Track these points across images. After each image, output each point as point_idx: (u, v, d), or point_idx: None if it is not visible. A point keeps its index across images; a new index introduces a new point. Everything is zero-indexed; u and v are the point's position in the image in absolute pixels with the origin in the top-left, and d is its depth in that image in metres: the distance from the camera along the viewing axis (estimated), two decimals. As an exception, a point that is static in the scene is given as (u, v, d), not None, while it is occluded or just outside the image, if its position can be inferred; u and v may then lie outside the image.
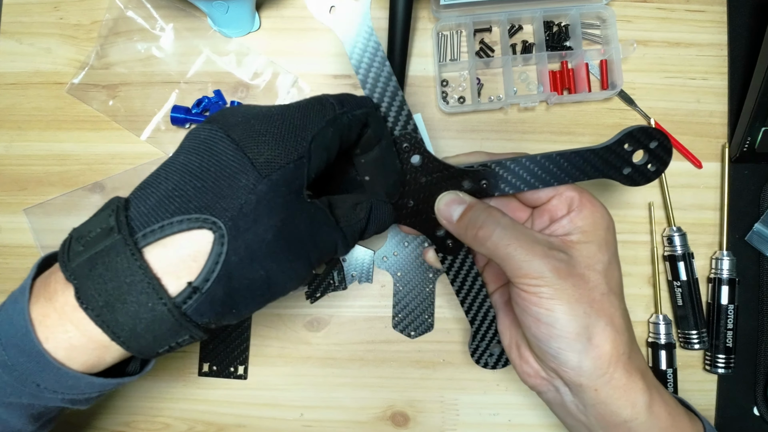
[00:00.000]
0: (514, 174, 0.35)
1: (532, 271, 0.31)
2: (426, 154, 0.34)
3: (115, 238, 0.25)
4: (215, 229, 0.26)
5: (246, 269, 0.27)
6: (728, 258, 0.48)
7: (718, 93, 0.50)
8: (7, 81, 0.52)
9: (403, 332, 0.49)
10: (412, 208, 0.36)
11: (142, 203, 0.27)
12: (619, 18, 0.50)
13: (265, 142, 0.27)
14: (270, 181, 0.27)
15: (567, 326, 0.31)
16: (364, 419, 0.49)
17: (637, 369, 0.32)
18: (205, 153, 0.27)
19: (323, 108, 0.30)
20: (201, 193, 0.26)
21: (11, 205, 0.51)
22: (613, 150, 0.34)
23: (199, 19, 0.51)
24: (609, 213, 0.34)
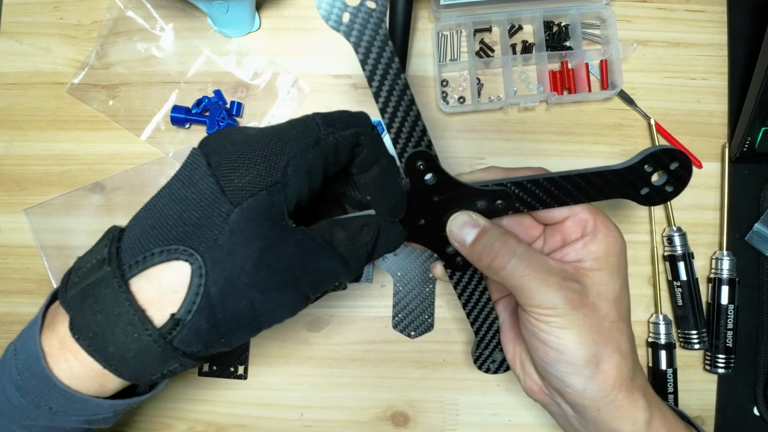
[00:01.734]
0: (530, 194, 0.34)
1: (546, 302, 0.31)
2: (440, 172, 0.33)
3: (106, 270, 0.26)
4: (192, 261, 0.26)
5: (227, 300, 0.27)
6: (728, 258, 0.48)
7: (718, 93, 0.50)
8: (7, 81, 0.52)
9: (403, 332, 0.49)
10: (423, 225, 0.34)
11: (132, 232, 0.28)
12: (619, 18, 0.50)
13: (236, 168, 0.27)
14: (242, 210, 0.26)
15: (576, 354, 0.31)
16: (364, 419, 0.49)
17: (639, 388, 0.33)
18: (186, 180, 0.27)
19: (305, 129, 0.29)
20: (180, 223, 0.26)
21: (11, 205, 0.51)
22: (633, 170, 0.33)
23: (199, 19, 0.51)
24: (622, 236, 0.34)
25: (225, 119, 0.49)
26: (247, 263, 0.26)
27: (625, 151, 0.50)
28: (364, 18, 0.28)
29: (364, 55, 0.29)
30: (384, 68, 0.30)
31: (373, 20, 0.28)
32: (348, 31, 0.29)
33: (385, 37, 0.29)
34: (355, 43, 0.29)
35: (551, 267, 0.32)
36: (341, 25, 0.28)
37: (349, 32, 0.29)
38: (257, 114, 0.51)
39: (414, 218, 0.34)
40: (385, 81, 0.30)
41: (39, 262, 0.50)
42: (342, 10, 0.28)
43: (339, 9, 0.28)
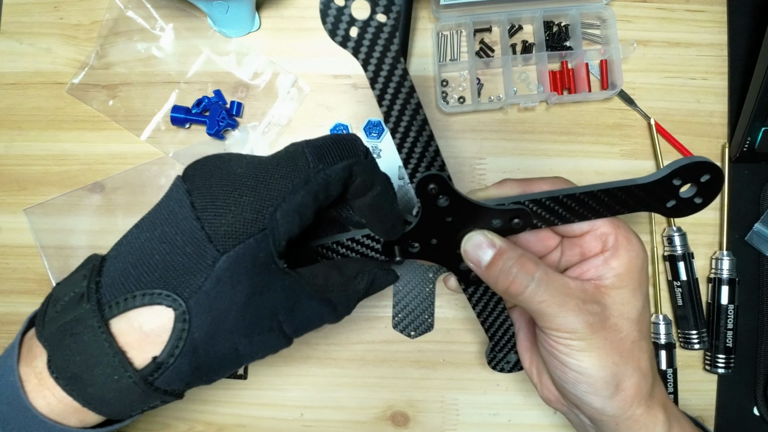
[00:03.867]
0: (549, 210, 0.32)
1: (565, 326, 0.30)
2: (454, 195, 0.31)
3: (85, 308, 0.25)
4: (176, 307, 0.25)
5: (211, 345, 0.26)
6: (728, 258, 0.48)
7: (718, 93, 0.50)
8: (7, 81, 0.51)
9: (403, 332, 0.49)
10: (435, 245, 0.33)
11: (113, 267, 0.26)
12: (619, 18, 0.50)
13: (223, 214, 0.26)
14: (229, 258, 0.25)
15: (595, 375, 0.31)
16: (364, 419, 0.49)
17: (659, 402, 0.33)
18: (169, 218, 0.26)
19: (294, 167, 0.27)
20: (162, 266, 0.25)
21: (11, 205, 0.51)
22: (662, 184, 0.31)
23: (199, 19, 0.51)
24: (644, 248, 0.33)
25: (225, 119, 0.49)
26: (232, 309, 0.26)
27: (625, 151, 0.50)
28: (373, 33, 0.26)
29: (373, 73, 0.27)
30: (395, 87, 0.27)
31: (384, 35, 0.26)
32: (356, 47, 0.26)
33: (396, 54, 0.26)
34: (363, 60, 0.27)
35: (571, 289, 0.31)
36: (349, 41, 0.26)
37: (358, 49, 0.26)
38: (257, 114, 0.51)
39: (426, 238, 0.33)
40: (396, 100, 0.28)
41: (39, 262, 0.50)
42: (349, 25, 0.25)
43: (346, 24, 0.25)
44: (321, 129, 0.50)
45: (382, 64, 0.27)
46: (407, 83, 0.27)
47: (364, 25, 0.25)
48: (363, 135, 0.50)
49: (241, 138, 0.50)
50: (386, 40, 0.26)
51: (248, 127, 0.50)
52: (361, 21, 0.25)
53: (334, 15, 0.25)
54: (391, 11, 0.25)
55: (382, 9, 0.25)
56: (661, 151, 0.49)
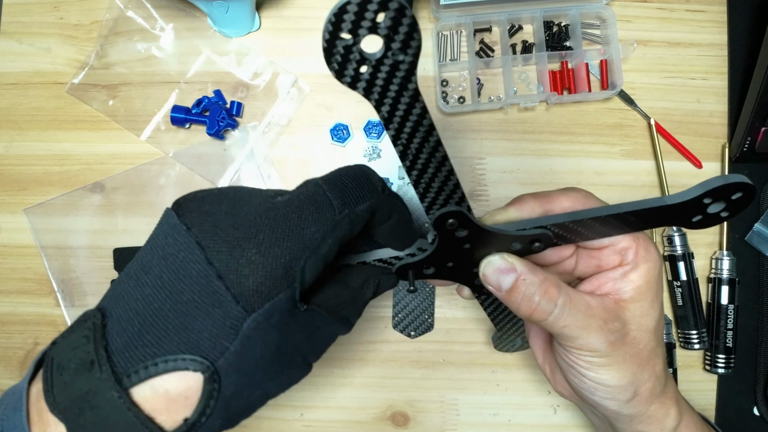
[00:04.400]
0: (572, 232, 0.31)
1: (587, 346, 0.30)
2: (474, 228, 0.29)
3: (98, 377, 0.23)
4: (204, 370, 0.24)
5: (242, 396, 0.26)
6: (728, 258, 0.48)
7: (718, 93, 0.50)
8: (7, 81, 0.51)
9: (403, 332, 0.49)
10: (451, 267, 0.32)
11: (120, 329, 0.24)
12: (619, 18, 0.50)
13: (249, 273, 0.24)
14: (258, 316, 0.24)
15: (614, 384, 0.31)
16: (364, 419, 0.49)
17: (671, 398, 0.33)
18: (181, 274, 0.24)
19: (319, 214, 0.26)
20: (182, 330, 0.24)
21: (11, 205, 0.51)
22: (692, 203, 0.29)
23: (199, 19, 0.51)
24: (660, 256, 0.32)
25: (225, 119, 0.49)
26: (262, 362, 0.25)
27: (625, 151, 0.50)
28: (388, 72, 0.22)
29: (388, 113, 0.24)
30: (412, 127, 0.24)
31: (400, 74, 0.22)
32: (368, 87, 0.22)
33: (414, 92, 0.23)
34: (376, 102, 0.23)
35: (592, 310, 0.30)
36: (359, 81, 0.22)
37: (370, 90, 0.22)
38: (257, 114, 0.51)
39: (441, 263, 0.32)
40: (413, 140, 0.25)
41: (39, 262, 0.50)
42: (359, 64, 0.21)
43: (355, 63, 0.21)
44: (321, 129, 0.50)
45: (397, 104, 0.23)
46: (426, 122, 0.24)
47: (377, 63, 0.21)
48: (363, 135, 0.50)
49: (241, 138, 0.50)
50: (403, 78, 0.22)
51: (248, 127, 0.50)
52: (374, 59, 0.21)
53: (341, 53, 0.21)
54: (410, 47, 0.21)
55: (398, 45, 0.21)
56: (661, 151, 0.49)
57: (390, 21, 0.20)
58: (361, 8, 0.19)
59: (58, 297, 0.50)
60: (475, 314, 0.49)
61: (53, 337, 0.53)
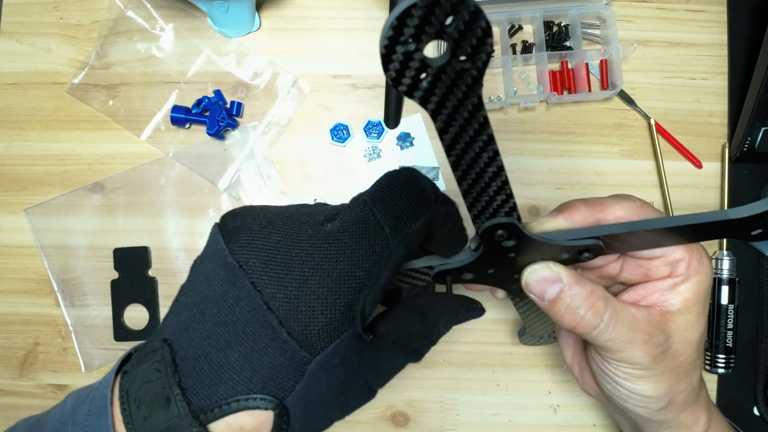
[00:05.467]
0: (624, 242, 0.29)
1: (629, 359, 0.29)
2: (522, 237, 0.27)
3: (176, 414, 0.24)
4: (274, 408, 0.24)
5: (309, 425, 0.26)
6: (728, 258, 0.48)
7: (718, 93, 0.50)
8: (7, 81, 0.51)
9: (403, 332, 0.49)
10: (492, 274, 0.31)
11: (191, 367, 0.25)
12: (619, 18, 0.50)
13: (311, 321, 0.24)
14: (323, 357, 0.24)
15: (649, 395, 0.31)
16: (364, 419, 0.49)
17: (702, 405, 0.33)
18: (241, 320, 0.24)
19: (373, 245, 0.25)
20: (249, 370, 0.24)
21: (11, 205, 0.51)
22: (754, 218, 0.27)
23: (199, 19, 0.51)
24: (711, 267, 0.31)
25: (225, 119, 0.49)
26: (329, 396, 0.26)
27: (625, 151, 0.50)
28: (451, 80, 0.19)
29: (445, 123, 0.21)
30: (471, 137, 0.22)
31: (464, 83, 0.19)
32: (425, 97, 0.20)
33: (478, 101, 0.21)
34: (433, 111, 0.21)
35: (638, 324, 0.29)
36: (416, 90, 0.19)
37: (428, 98, 0.20)
38: (257, 114, 0.51)
39: (483, 269, 0.30)
40: (468, 151, 0.23)
41: (39, 262, 0.50)
42: (419, 72, 0.19)
43: (415, 70, 0.18)
44: (321, 129, 0.50)
45: (456, 114, 0.21)
46: (486, 132, 0.23)
47: (440, 71, 0.19)
48: (363, 135, 0.50)
49: (241, 138, 0.50)
50: (468, 87, 0.20)
51: (248, 127, 0.50)
52: (437, 66, 0.19)
53: (401, 60, 0.18)
54: (479, 54, 0.18)
55: (467, 52, 0.18)
56: (661, 151, 0.49)
57: (461, 25, 0.17)
58: (428, 11, 0.16)
59: (58, 297, 0.50)
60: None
61: (53, 337, 0.53)
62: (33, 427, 0.28)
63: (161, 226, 0.50)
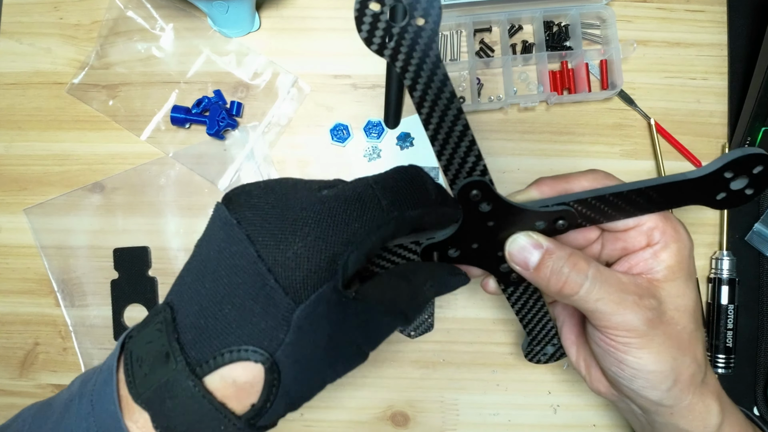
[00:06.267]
0: (595, 209, 0.31)
1: (623, 324, 0.30)
2: (497, 200, 0.30)
3: (174, 368, 0.25)
4: (264, 361, 0.26)
5: (301, 383, 0.27)
6: (728, 258, 0.48)
7: (718, 93, 0.50)
8: (7, 81, 0.52)
9: (403, 332, 0.49)
10: (476, 249, 0.32)
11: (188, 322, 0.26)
12: (619, 18, 0.50)
13: (296, 267, 0.25)
14: (306, 307, 0.26)
15: (654, 371, 0.30)
16: (364, 419, 0.49)
17: (712, 392, 0.33)
18: (235, 268, 0.26)
19: (364, 210, 0.26)
20: (241, 321, 0.26)
21: (11, 205, 0.51)
22: (713, 178, 0.30)
23: (199, 19, 0.51)
24: (690, 236, 0.32)
25: (225, 119, 0.49)
26: (316, 351, 0.27)
27: (625, 151, 0.50)
28: (411, 39, 0.24)
29: (412, 80, 0.25)
30: (435, 93, 0.26)
31: (423, 40, 0.24)
32: (393, 54, 0.25)
33: (436, 59, 0.25)
34: (401, 68, 0.25)
35: (625, 285, 0.30)
36: (385, 48, 0.24)
37: (395, 56, 0.25)
38: (257, 114, 0.51)
39: (466, 243, 0.32)
40: (435, 107, 0.26)
41: (39, 262, 0.50)
42: (386, 32, 0.24)
43: (383, 30, 0.24)
44: (321, 129, 0.50)
45: (420, 71, 0.25)
46: (447, 89, 0.26)
47: (402, 30, 0.24)
48: (363, 135, 0.50)
49: (241, 138, 0.50)
50: (425, 45, 0.24)
51: (248, 127, 0.50)
52: (399, 26, 0.24)
53: (370, 22, 0.23)
54: (431, 15, 0.23)
55: (421, 13, 0.23)
56: (661, 151, 0.49)
57: None
58: None
59: (58, 297, 0.50)
60: (475, 314, 0.49)
61: (53, 337, 0.53)
62: (41, 409, 0.29)
63: (161, 226, 0.50)
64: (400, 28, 0.24)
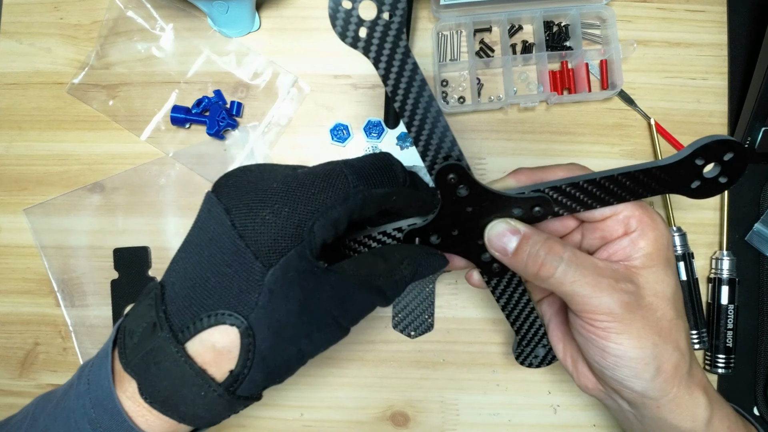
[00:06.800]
0: (570, 197, 0.32)
1: (600, 307, 0.30)
2: (473, 184, 0.31)
3: (161, 336, 0.27)
4: (239, 324, 0.27)
5: (277, 351, 0.28)
6: (728, 258, 0.48)
7: (718, 93, 0.50)
8: (7, 81, 0.52)
9: (403, 332, 0.49)
10: (457, 236, 0.33)
11: (174, 294, 0.28)
12: (619, 18, 0.50)
13: (264, 231, 0.27)
14: (275, 271, 0.27)
15: (635, 357, 0.31)
16: (364, 419, 0.49)
17: (699, 385, 0.33)
18: (213, 240, 0.28)
19: (331, 184, 0.28)
20: (219, 288, 0.27)
21: (11, 205, 0.51)
22: (684, 164, 0.31)
23: (199, 19, 0.51)
24: (668, 227, 0.33)
25: (225, 119, 0.49)
26: (290, 317, 0.28)
27: (625, 151, 0.50)
28: (381, 32, 0.27)
29: (384, 70, 0.28)
30: (407, 82, 0.28)
31: (392, 33, 0.27)
32: (366, 46, 0.27)
33: (405, 49, 0.27)
34: (374, 59, 0.28)
35: (601, 269, 0.31)
36: (359, 41, 0.27)
37: (368, 48, 0.27)
38: (257, 114, 0.51)
39: (446, 230, 0.33)
40: (409, 95, 0.29)
41: (39, 262, 0.50)
42: (358, 26, 0.27)
43: (355, 25, 0.26)
44: (321, 129, 0.50)
45: (392, 61, 0.28)
46: (418, 77, 0.28)
47: (372, 24, 0.26)
48: (363, 135, 0.50)
49: (241, 138, 0.50)
50: (395, 37, 0.27)
51: (248, 127, 0.50)
52: (369, 21, 0.26)
53: (343, 18, 0.26)
54: (397, 9, 0.26)
55: (388, 8, 0.26)
56: (661, 151, 0.49)
57: None
58: None
59: (58, 297, 0.50)
60: (475, 314, 0.49)
61: (53, 337, 0.54)
62: (44, 397, 0.31)
63: (161, 226, 0.50)
64: (371, 22, 0.26)
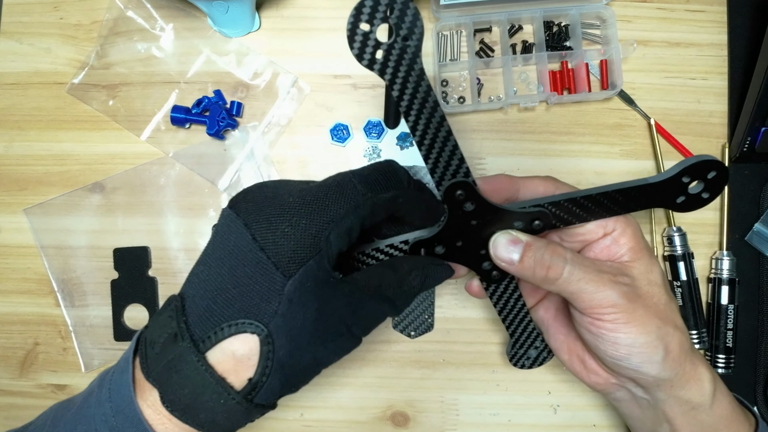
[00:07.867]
0: (567, 211, 0.34)
1: (605, 300, 0.32)
2: (479, 200, 0.33)
3: (182, 346, 0.28)
4: (259, 332, 0.28)
5: (294, 359, 0.29)
6: (728, 258, 0.48)
7: (718, 93, 0.50)
8: (7, 81, 0.52)
9: (403, 332, 0.49)
10: (460, 247, 0.35)
11: (195, 305, 0.29)
12: (619, 18, 0.50)
13: (284, 243, 0.28)
14: (295, 281, 0.28)
15: (645, 343, 0.33)
16: (364, 419, 0.49)
17: (700, 359, 0.35)
18: (235, 253, 0.29)
19: (343, 194, 0.30)
20: (240, 298, 0.28)
21: (11, 205, 0.51)
22: (672, 182, 0.34)
23: (199, 19, 0.51)
24: (636, 222, 0.36)
25: (225, 119, 0.49)
26: (306, 325, 0.29)
27: (625, 151, 0.50)
28: (398, 54, 0.27)
29: (399, 91, 0.29)
30: (420, 103, 0.29)
31: (408, 56, 0.27)
32: (382, 69, 0.28)
33: (420, 72, 0.28)
34: (390, 81, 0.28)
35: (600, 265, 0.33)
36: (375, 63, 0.28)
37: (384, 70, 0.28)
38: (257, 114, 0.51)
39: (451, 241, 0.34)
40: (421, 116, 0.29)
41: (39, 262, 0.50)
42: (375, 48, 0.27)
43: (372, 47, 0.27)
44: (321, 129, 0.50)
45: (407, 83, 0.28)
46: (431, 99, 0.29)
47: (389, 47, 0.27)
48: (363, 135, 0.50)
49: (241, 138, 0.50)
50: (410, 60, 0.27)
51: (248, 127, 0.50)
52: (386, 44, 0.27)
53: (360, 40, 0.27)
54: (414, 33, 0.27)
55: (405, 32, 0.26)
56: (661, 151, 0.49)
57: (397, 13, 0.26)
58: (375, 4, 0.26)
59: (58, 297, 0.50)
60: (475, 314, 0.49)
61: (53, 337, 0.54)
62: (63, 404, 0.32)
63: (161, 226, 0.50)
64: (387, 45, 0.27)
